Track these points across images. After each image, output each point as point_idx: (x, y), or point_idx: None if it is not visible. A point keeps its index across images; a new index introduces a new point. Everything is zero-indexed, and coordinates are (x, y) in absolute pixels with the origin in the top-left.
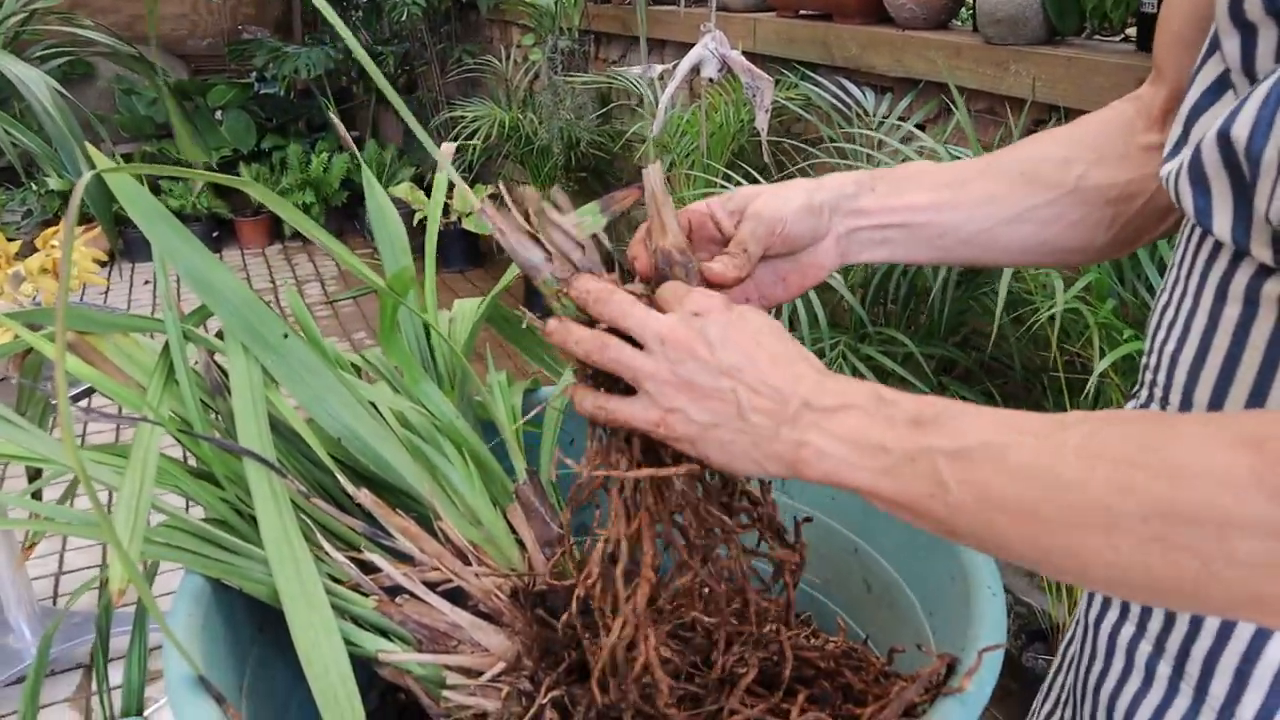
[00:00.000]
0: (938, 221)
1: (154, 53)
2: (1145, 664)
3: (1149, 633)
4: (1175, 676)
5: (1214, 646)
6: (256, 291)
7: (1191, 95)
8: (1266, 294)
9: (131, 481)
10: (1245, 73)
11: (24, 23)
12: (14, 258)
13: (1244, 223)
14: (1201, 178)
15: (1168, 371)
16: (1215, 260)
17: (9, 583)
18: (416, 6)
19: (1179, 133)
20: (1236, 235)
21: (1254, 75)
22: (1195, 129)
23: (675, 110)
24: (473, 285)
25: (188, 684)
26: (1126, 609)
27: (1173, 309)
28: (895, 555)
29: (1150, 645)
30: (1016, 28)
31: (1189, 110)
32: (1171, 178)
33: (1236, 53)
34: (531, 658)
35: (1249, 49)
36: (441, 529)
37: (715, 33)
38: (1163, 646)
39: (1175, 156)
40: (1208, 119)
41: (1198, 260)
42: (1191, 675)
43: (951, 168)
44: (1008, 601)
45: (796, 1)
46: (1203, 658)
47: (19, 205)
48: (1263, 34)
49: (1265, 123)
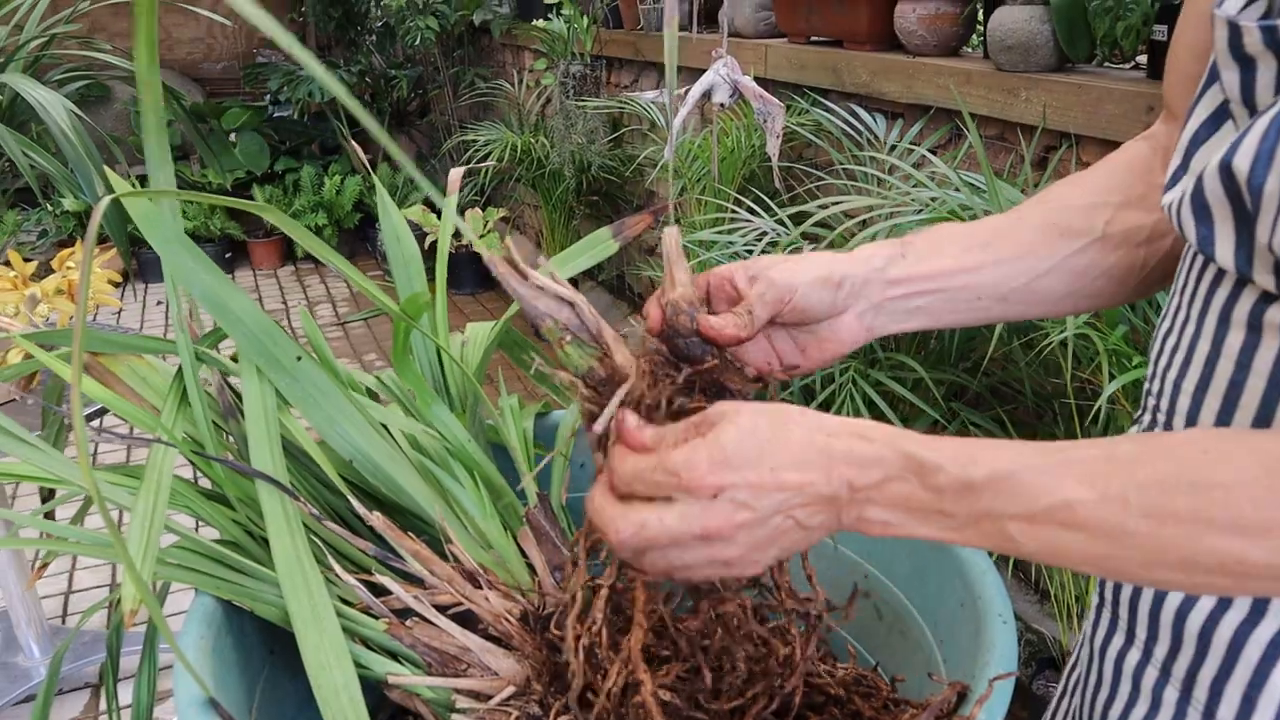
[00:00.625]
0: (973, 284)
1: (169, 75)
2: (1152, 689)
3: (1155, 658)
4: (1183, 701)
5: (1220, 671)
6: (269, 312)
7: (1191, 125)
8: (1269, 321)
9: (145, 502)
10: (1245, 104)
11: (44, 47)
12: (31, 278)
13: (1246, 251)
14: (1204, 207)
15: (1170, 397)
16: (1218, 287)
17: (19, 601)
18: (430, 31)
19: (1178, 162)
20: (1239, 263)
21: (1254, 107)
22: (1195, 159)
23: (687, 135)
24: (484, 308)
25: (198, 706)
26: (1132, 635)
27: (1175, 334)
28: (906, 582)
29: (1157, 670)
30: (1027, 55)
31: (1189, 140)
32: (1174, 207)
33: (1236, 85)
34: (540, 682)
35: (1248, 82)
36: (452, 552)
37: (727, 58)
38: (1169, 672)
39: (1175, 186)
40: (1207, 150)
41: (1200, 286)
42: (1199, 700)
43: (979, 227)
44: (1018, 629)
45: (808, 28)
46: (1209, 682)
47: (34, 226)
48: (1262, 67)
49: (1266, 156)
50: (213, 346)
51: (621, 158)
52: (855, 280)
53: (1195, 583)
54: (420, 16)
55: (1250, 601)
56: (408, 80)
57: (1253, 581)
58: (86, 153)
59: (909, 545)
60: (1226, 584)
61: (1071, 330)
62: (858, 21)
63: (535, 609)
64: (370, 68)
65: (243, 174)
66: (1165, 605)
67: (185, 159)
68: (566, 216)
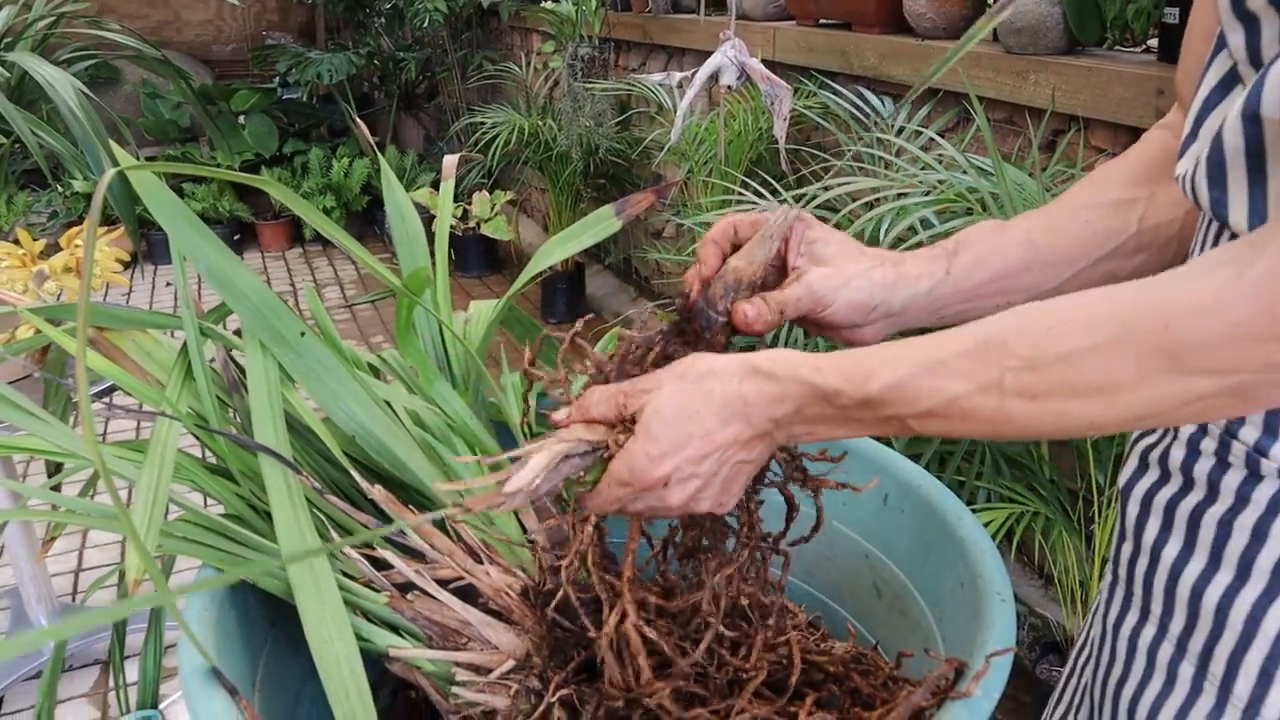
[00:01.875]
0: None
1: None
2: (1167, 665)
3: (1171, 634)
4: (1199, 677)
5: (1238, 646)
6: (276, 294)
7: (1201, 93)
8: None
9: (149, 475)
10: (1252, 64)
11: (52, 26)
12: (39, 257)
13: (1260, 213)
14: (1219, 166)
15: None
16: None
17: (29, 579)
18: (438, 13)
19: (1189, 130)
20: (1254, 224)
21: (1260, 64)
22: (1205, 126)
23: (694, 118)
24: (490, 290)
25: (202, 675)
26: (1147, 612)
27: None
28: (906, 561)
29: (1172, 647)
30: (1037, 37)
31: (1199, 107)
32: (1188, 176)
33: (1242, 45)
34: (540, 656)
35: (1253, 40)
36: (454, 527)
37: (735, 41)
38: (1185, 648)
39: (1187, 154)
40: (1218, 114)
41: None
42: (1216, 675)
43: (1018, 229)
44: (1022, 613)
45: (816, 10)
46: (1226, 657)
47: (44, 207)
48: (1265, 24)
49: None
50: (218, 322)
51: (629, 140)
52: (892, 306)
53: (1064, 428)
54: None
55: (1268, 577)
56: (416, 62)
57: (1117, 425)
58: (95, 132)
59: (910, 525)
60: (1094, 430)
61: None
62: (866, 4)
63: (536, 584)
64: (379, 50)
65: (251, 156)
66: (1181, 581)
67: (194, 140)
68: (574, 199)
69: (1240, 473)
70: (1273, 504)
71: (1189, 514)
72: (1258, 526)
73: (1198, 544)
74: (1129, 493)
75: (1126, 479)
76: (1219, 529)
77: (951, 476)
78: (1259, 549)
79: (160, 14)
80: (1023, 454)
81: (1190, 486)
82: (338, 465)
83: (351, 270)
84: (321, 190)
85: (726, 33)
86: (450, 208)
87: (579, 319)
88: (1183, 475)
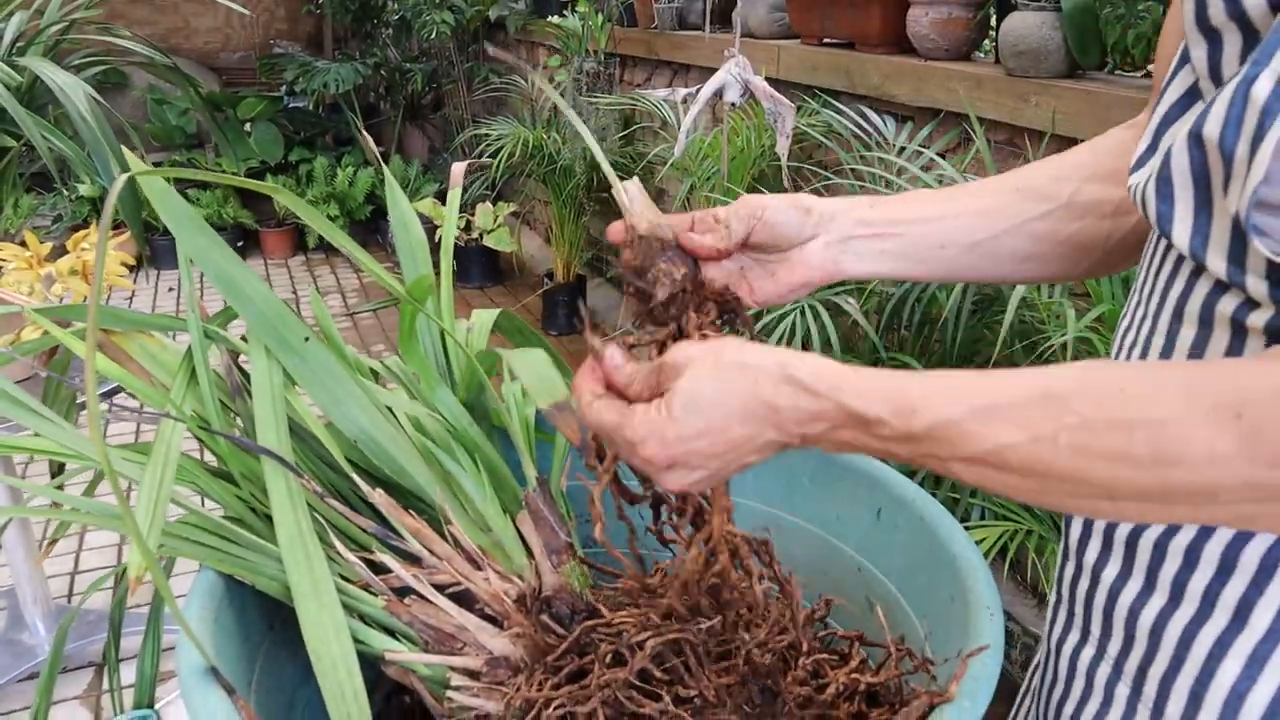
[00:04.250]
0: (937, 232)
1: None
2: (1105, 685)
3: (1108, 654)
4: (1133, 698)
5: (1170, 668)
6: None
7: (1161, 107)
8: (1220, 313)
9: (152, 475)
10: (1212, 79)
11: (64, 32)
12: (45, 260)
13: (1203, 234)
14: (1167, 182)
15: None
16: (1174, 280)
17: (26, 580)
18: (445, 25)
19: (1147, 143)
20: (1195, 246)
21: (1220, 81)
22: (1163, 139)
23: (697, 134)
24: (492, 301)
25: (200, 674)
26: (1087, 633)
27: (1133, 330)
28: (898, 576)
29: (1109, 667)
30: (1038, 61)
31: (1159, 121)
32: (1139, 188)
33: (1204, 60)
34: (536, 662)
35: (1215, 55)
36: (451, 533)
37: (739, 58)
38: (1121, 668)
39: (1143, 167)
40: (1176, 129)
41: (1158, 281)
42: (1149, 697)
43: (944, 189)
44: (1015, 631)
45: (821, 30)
46: (1159, 679)
47: (50, 210)
48: (1227, 39)
49: (1235, 120)
50: (222, 327)
51: (632, 155)
52: (824, 211)
53: (1118, 510)
54: (436, 11)
55: (1199, 599)
56: (422, 74)
57: (1173, 506)
58: (104, 137)
59: (903, 540)
60: (1145, 509)
61: (1072, 334)
62: (870, 24)
63: (532, 591)
64: (385, 60)
65: (257, 163)
66: (1119, 603)
67: (200, 147)
68: (576, 212)
69: None
70: (1203, 529)
71: (1126, 536)
72: (1189, 550)
73: (1135, 567)
74: (1072, 516)
75: None
76: (1154, 552)
77: (945, 493)
78: (1190, 573)
79: (169, 21)
80: None
81: None
82: (338, 470)
83: (354, 278)
84: (325, 199)
85: (731, 50)
86: (456, 215)
87: (579, 332)
88: None
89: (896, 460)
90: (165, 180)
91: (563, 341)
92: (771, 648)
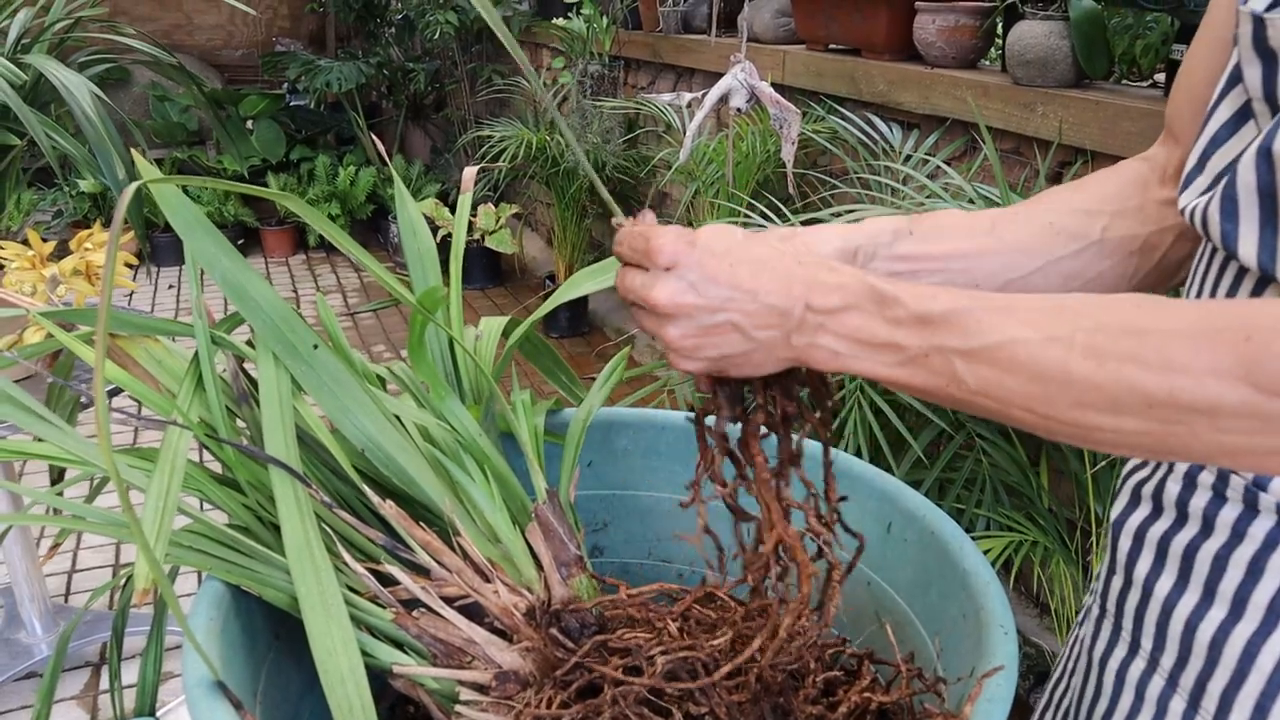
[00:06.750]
0: (974, 269)
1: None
2: (1158, 699)
3: (1162, 668)
4: (1190, 711)
5: (1232, 681)
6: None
7: (1210, 128)
8: None
9: (159, 483)
10: (1267, 100)
11: (68, 29)
12: (48, 258)
13: (1270, 247)
14: (1232, 200)
15: None
16: (1236, 295)
17: (23, 579)
18: (449, 26)
19: (1194, 164)
20: (1263, 259)
21: (1275, 102)
22: (1212, 160)
23: (702, 139)
24: (493, 303)
25: (206, 687)
26: (1137, 646)
27: None
28: (908, 591)
29: (1164, 681)
30: (1045, 70)
31: (1207, 141)
32: (1197, 209)
33: (1259, 81)
34: (545, 676)
35: (1270, 76)
36: (460, 544)
37: (745, 63)
38: (1176, 682)
39: (1190, 187)
40: (1226, 150)
41: (1218, 294)
42: (1208, 710)
43: (984, 216)
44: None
45: (827, 36)
46: (1220, 693)
47: (50, 205)
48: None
49: None
50: (228, 332)
51: (636, 158)
52: (866, 251)
53: (1118, 424)
54: (440, 11)
55: (1264, 612)
56: (425, 74)
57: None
58: (108, 135)
59: (913, 555)
60: (1143, 431)
61: None
62: (876, 31)
63: (542, 604)
64: (388, 60)
65: (258, 161)
66: (1174, 616)
67: (201, 144)
68: (579, 215)
69: (1237, 508)
70: (1270, 539)
71: (1183, 549)
72: (1254, 561)
73: (1192, 579)
74: (1120, 527)
75: (1118, 513)
76: (1214, 564)
77: (951, 504)
78: (1255, 584)
79: (172, 17)
80: (1022, 483)
81: (1184, 521)
82: (345, 479)
83: (355, 278)
84: (327, 198)
85: (737, 55)
86: (467, 221)
87: (581, 335)
88: (1177, 510)
89: (896, 365)
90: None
91: (563, 344)
92: (783, 666)
